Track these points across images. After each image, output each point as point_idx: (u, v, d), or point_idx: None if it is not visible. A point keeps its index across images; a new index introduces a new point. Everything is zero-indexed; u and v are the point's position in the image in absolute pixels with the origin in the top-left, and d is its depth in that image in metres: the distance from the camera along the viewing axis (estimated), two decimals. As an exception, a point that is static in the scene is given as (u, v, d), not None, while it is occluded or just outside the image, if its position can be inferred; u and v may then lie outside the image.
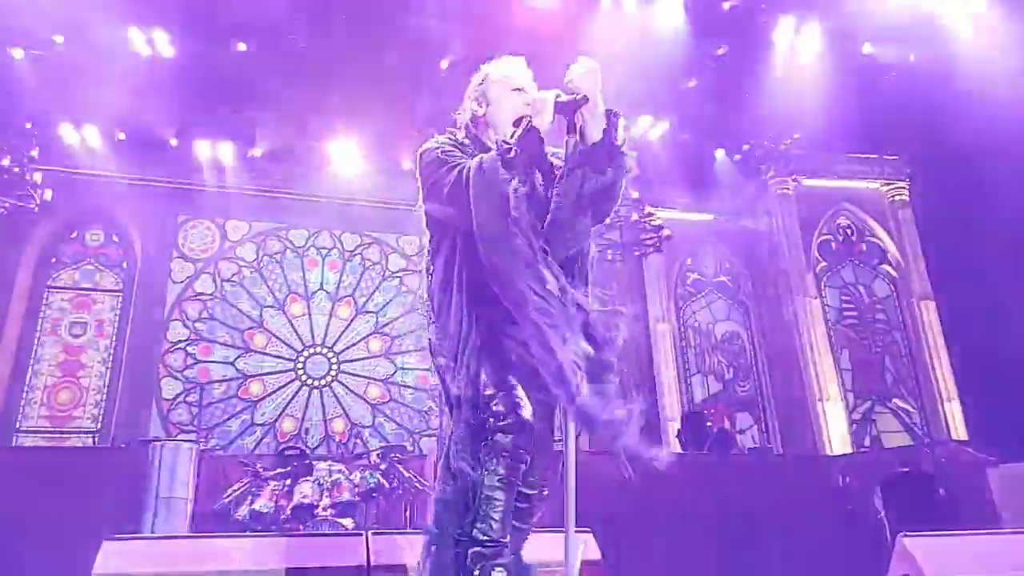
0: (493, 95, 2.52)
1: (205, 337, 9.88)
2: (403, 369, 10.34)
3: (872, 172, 11.76)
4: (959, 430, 10.13)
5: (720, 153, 11.38)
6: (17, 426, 8.98)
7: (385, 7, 8.43)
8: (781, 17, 8.99)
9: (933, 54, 9.02)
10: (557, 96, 2.31)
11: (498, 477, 2.14)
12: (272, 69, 8.79)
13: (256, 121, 9.68)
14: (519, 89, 2.49)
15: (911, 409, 10.71)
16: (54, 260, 9.79)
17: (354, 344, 10.35)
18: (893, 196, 11.68)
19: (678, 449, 9.19)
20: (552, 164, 2.41)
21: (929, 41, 8.96)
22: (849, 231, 11.69)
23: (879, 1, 8.49)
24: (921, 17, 8.68)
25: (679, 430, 9.40)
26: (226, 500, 5.91)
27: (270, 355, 10.02)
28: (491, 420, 2.16)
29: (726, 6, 8.83)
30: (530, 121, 2.29)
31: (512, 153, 2.22)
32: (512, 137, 2.29)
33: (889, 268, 11.49)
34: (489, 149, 2.39)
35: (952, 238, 10.46)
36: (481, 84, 2.56)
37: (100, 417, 9.21)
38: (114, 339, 9.61)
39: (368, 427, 9.95)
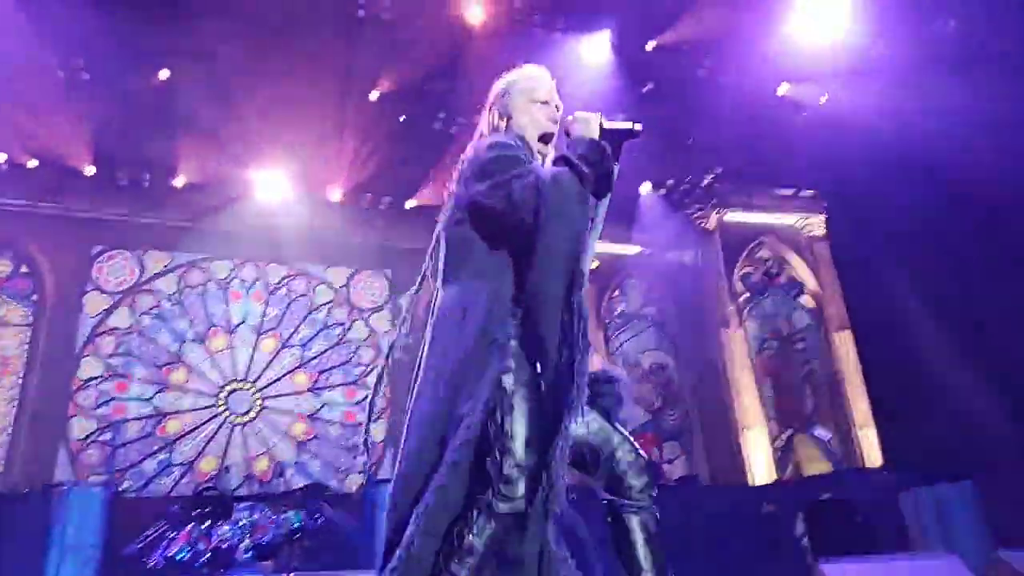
0: (515, 107, 2.29)
1: (120, 373, 9.45)
2: (330, 405, 10.11)
3: (790, 207, 12.21)
4: (875, 457, 10.49)
5: (646, 187, 11.63)
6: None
7: (314, 37, 8.38)
8: (703, 58, 9.32)
9: (845, 95, 9.49)
10: (601, 122, 2.16)
11: (481, 542, 1.79)
12: (196, 97, 8.59)
13: (178, 150, 9.41)
14: (544, 102, 2.31)
15: (830, 436, 11.03)
16: (-45, 293, 9.25)
17: (279, 379, 10.07)
18: (810, 230, 12.15)
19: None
20: None
21: (840, 83, 9.43)
22: (769, 264, 12.08)
23: (791, 45, 8.89)
24: (831, 61, 9.14)
25: (609, 461, 9.44)
26: (139, 546, 5.62)
27: (190, 391, 9.65)
28: (497, 482, 1.80)
29: (650, 46, 9.11)
30: (601, 139, 2.11)
31: (589, 173, 2.00)
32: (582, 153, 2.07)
33: (808, 299, 11.90)
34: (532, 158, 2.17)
35: (866, 270, 10.93)
36: (503, 95, 2.32)
37: (3, 460, 8.65)
38: (21, 376, 9.09)
39: (292, 465, 9.66)
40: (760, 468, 10.30)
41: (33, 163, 9.30)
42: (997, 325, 8.91)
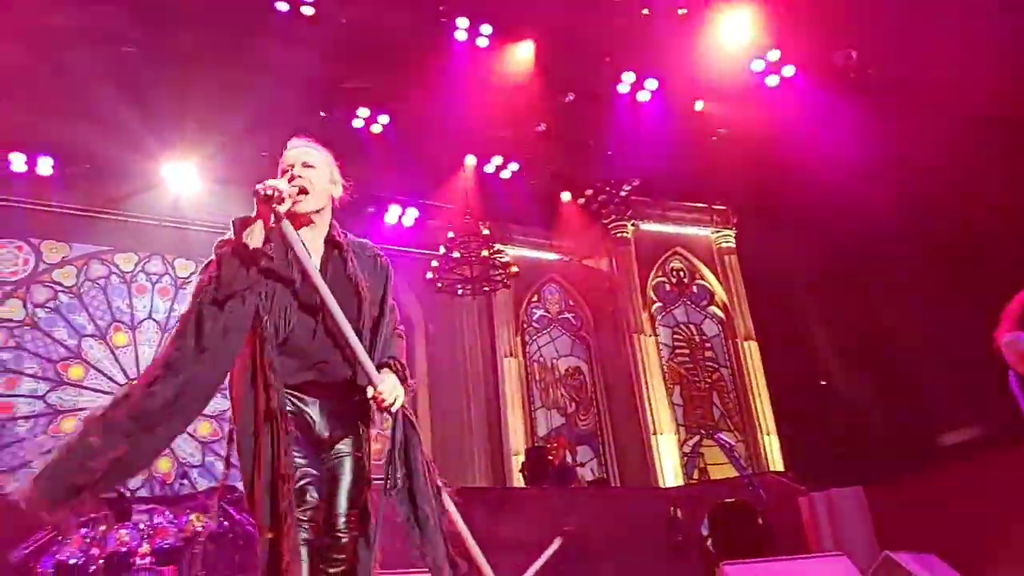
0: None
1: (11, 368, 8.89)
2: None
3: (703, 220, 12.63)
4: (776, 462, 10.93)
5: (566, 195, 11.82)
6: None
7: (231, 29, 8.11)
8: (623, 72, 9.52)
9: (757, 113, 9.87)
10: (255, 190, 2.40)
11: None
12: (103, 79, 8.16)
13: (81, 134, 8.89)
14: (287, 170, 2.61)
15: (736, 442, 11.44)
16: None
17: (185, 377, 9.67)
18: (721, 242, 12.59)
19: (522, 483, 9.30)
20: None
21: (752, 101, 9.80)
22: (681, 274, 12.46)
23: (708, 63, 9.19)
24: (745, 81, 9.50)
25: (522, 464, 9.51)
26: (26, 551, 5.31)
27: (89, 388, 9.17)
28: None
29: (574, 58, 9.24)
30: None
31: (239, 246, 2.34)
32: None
33: (717, 309, 12.31)
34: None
35: (773, 283, 11.42)
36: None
37: None
38: None
39: (197, 466, 9.31)
40: (669, 472, 10.59)
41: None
42: (893, 342, 9.46)
